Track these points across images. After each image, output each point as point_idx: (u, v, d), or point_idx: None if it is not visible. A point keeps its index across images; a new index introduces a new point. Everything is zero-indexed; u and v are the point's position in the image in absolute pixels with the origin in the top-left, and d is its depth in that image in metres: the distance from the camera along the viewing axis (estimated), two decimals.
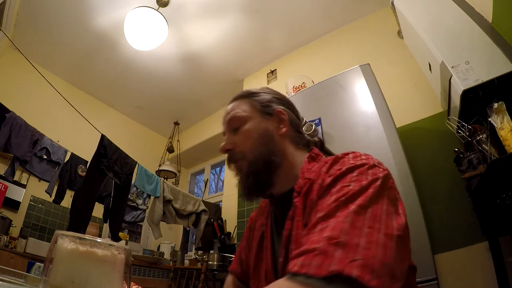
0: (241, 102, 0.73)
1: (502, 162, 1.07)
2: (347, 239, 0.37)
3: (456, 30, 1.39)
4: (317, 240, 0.38)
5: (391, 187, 0.50)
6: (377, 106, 1.46)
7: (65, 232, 0.41)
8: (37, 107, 2.92)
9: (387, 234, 0.39)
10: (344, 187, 0.47)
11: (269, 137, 0.67)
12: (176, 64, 3.19)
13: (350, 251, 0.35)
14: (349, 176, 0.49)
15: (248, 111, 0.70)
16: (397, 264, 0.38)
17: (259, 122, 0.68)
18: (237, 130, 0.69)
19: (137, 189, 2.72)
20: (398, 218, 0.44)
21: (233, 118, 0.70)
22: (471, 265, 1.48)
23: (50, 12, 2.61)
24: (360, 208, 0.41)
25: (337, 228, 0.39)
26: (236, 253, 0.83)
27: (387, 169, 0.53)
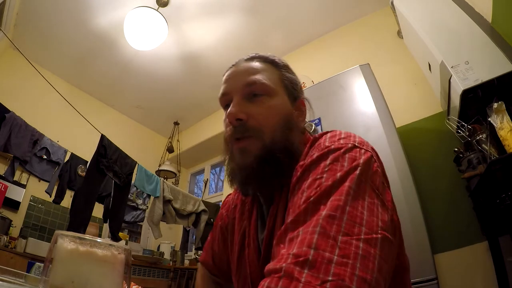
0: (267, 68, 0.58)
1: (502, 162, 1.07)
2: (316, 256, 0.30)
3: (456, 30, 1.39)
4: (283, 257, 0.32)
5: (375, 172, 0.41)
6: (377, 106, 1.46)
7: (65, 232, 0.41)
8: (37, 107, 2.92)
9: (369, 240, 0.33)
10: (316, 180, 0.39)
11: (292, 123, 0.55)
12: (176, 64, 3.19)
13: (320, 270, 0.29)
14: (322, 164, 0.41)
15: (276, 84, 0.56)
16: (381, 273, 0.32)
17: (285, 102, 0.56)
18: (256, 99, 0.54)
19: (137, 189, 2.72)
20: (383, 213, 0.37)
21: (258, 83, 0.54)
22: (471, 265, 1.48)
23: (50, 12, 2.61)
24: (333, 209, 0.34)
25: (304, 242, 0.32)
26: (207, 244, 0.74)
27: (371, 149, 0.45)
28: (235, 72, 0.58)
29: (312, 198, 0.37)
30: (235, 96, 0.55)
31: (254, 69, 0.57)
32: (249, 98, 0.54)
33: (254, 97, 0.54)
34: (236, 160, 0.53)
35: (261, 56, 0.60)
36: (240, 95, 0.55)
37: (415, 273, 1.07)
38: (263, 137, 0.51)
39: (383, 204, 0.38)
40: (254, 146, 0.51)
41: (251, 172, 0.51)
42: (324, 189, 0.37)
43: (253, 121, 0.52)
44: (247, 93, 0.55)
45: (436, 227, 1.57)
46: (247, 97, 0.55)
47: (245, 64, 0.58)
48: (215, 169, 4.36)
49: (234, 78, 0.57)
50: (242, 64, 0.59)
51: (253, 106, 0.53)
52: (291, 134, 0.53)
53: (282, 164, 0.50)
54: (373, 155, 0.43)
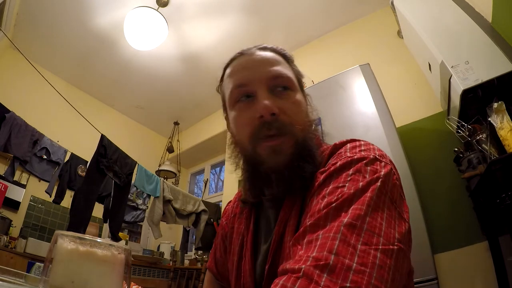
0: (282, 60, 0.54)
1: (502, 162, 1.07)
2: (336, 261, 0.31)
3: (456, 30, 1.39)
4: (303, 259, 0.32)
5: (395, 185, 0.41)
6: (377, 106, 1.46)
7: (65, 232, 0.41)
8: (37, 107, 2.92)
9: (386, 251, 0.33)
10: (337, 189, 0.39)
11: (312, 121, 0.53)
12: (176, 64, 3.19)
13: (340, 276, 0.30)
14: (344, 174, 0.41)
15: (294, 78, 0.54)
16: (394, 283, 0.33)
17: (303, 97, 0.54)
18: (283, 94, 0.50)
19: (137, 189, 2.72)
20: (400, 225, 0.38)
21: (284, 76, 0.50)
22: (471, 265, 1.48)
23: (50, 12, 2.61)
24: (354, 218, 0.34)
25: (325, 246, 0.32)
26: (212, 250, 0.74)
27: (390, 162, 0.45)
28: (252, 61, 0.52)
29: (334, 205, 0.37)
30: (259, 88, 0.49)
31: (275, 60, 0.52)
32: (275, 92, 0.50)
33: (282, 90, 0.50)
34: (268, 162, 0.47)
35: (272, 47, 0.55)
36: (265, 87, 0.49)
37: (415, 273, 1.07)
38: (295, 133, 0.47)
39: (400, 216, 0.39)
40: (287, 144, 0.47)
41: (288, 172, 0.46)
42: (346, 197, 0.37)
43: (284, 117, 0.48)
44: (273, 86, 0.50)
45: (436, 227, 1.57)
46: (272, 90, 0.50)
47: (261, 54, 0.53)
48: (215, 169, 4.36)
49: (254, 68, 0.51)
50: (258, 53, 0.53)
51: (281, 100, 0.49)
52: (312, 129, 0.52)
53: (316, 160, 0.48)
54: (392, 168, 0.43)
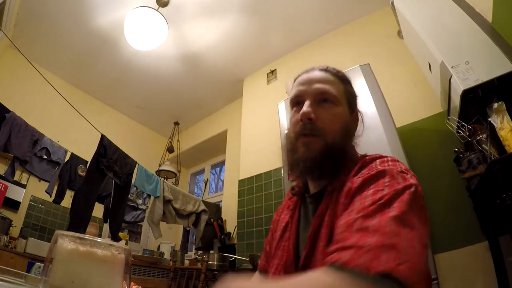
0: (334, 80, 0.68)
1: (502, 162, 1.07)
2: (393, 242, 0.37)
3: (456, 30, 1.39)
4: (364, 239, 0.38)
5: (421, 195, 0.50)
6: (377, 106, 1.46)
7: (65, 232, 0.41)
8: (37, 107, 2.92)
9: (422, 243, 0.40)
10: (379, 191, 0.47)
11: (349, 131, 0.65)
12: (176, 64, 3.19)
13: (397, 254, 0.35)
14: (381, 181, 0.49)
15: (341, 95, 0.66)
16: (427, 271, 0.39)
17: (346, 112, 0.66)
18: (325, 105, 0.64)
19: (137, 189, 2.72)
20: (426, 226, 0.45)
21: (329, 92, 0.64)
22: (471, 265, 1.48)
23: (50, 12, 2.61)
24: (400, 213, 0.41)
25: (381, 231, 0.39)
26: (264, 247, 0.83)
27: (415, 176, 0.53)
28: (310, 78, 0.67)
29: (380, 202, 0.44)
30: (307, 98, 0.64)
31: (327, 79, 0.66)
32: (319, 103, 0.64)
33: (323, 102, 0.64)
34: (300, 153, 0.62)
35: (332, 69, 0.70)
36: (312, 99, 0.64)
37: None
38: (326, 137, 0.60)
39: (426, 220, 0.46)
40: (317, 144, 0.60)
41: (313, 163, 0.60)
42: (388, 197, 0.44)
43: (320, 123, 0.61)
44: (319, 98, 0.64)
45: (436, 227, 1.57)
46: (317, 101, 0.64)
47: (319, 73, 0.68)
48: (215, 169, 4.36)
49: (309, 83, 0.66)
50: (316, 72, 0.68)
51: (322, 110, 0.63)
52: (348, 140, 0.64)
53: (338, 162, 0.60)
54: (417, 180, 0.52)
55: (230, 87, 3.49)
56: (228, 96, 3.69)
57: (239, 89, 3.38)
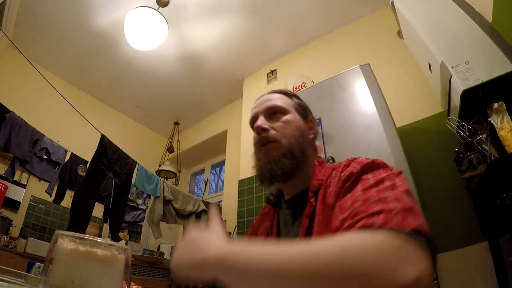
0: (281, 96, 0.78)
1: (502, 162, 1.07)
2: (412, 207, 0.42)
3: (456, 30, 1.39)
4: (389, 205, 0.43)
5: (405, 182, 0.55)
6: (377, 106, 1.46)
7: (65, 232, 0.41)
8: (37, 107, 2.92)
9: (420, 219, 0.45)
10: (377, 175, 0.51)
11: (303, 134, 0.73)
12: (176, 64, 3.19)
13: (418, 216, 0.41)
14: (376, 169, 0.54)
15: (289, 106, 0.76)
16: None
17: (297, 118, 0.75)
18: (275, 116, 0.74)
19: (137, 189, 2.72)
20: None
21: (275, 105, 0.75)
22: (471, 265, 1.48)
23: (50, 12, 2.61)
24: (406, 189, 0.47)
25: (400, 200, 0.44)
26: None
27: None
28: (260, 101, 0.79)
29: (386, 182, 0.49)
30: (260, 116, 0.75)
31: (272, 97, 0.78)
32: (270, 116, 0.74)
33: (273, 114, 0.74)
34: (262, 160, 0.70)
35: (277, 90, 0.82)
36: (264, 115, 0.75)
37: None
38: (282, 141, 0.69)
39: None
40: (275, 148, 0.69)
41: (275, 165, 0.67)
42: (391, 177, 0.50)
43: (273, 130, 0.71)
44: (269, 113, 0.75)
45: (436, 227, 1.57)
46: (268, 116, 0.75)
47: (267, 96, 0.79)
48: (215, 169, 4.36)
49: (260, 105, 0.78)
50: (265, 96, 0.80)
51: (273, 121, 0.73)
52: (303, 140, 0.72)
53: (298, 159, 0.68)
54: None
55: (230, 87, 3.49)
56: (228, 96, 3.69)
57: (239, 89, 3.38)
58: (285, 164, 0.66)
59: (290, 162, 0.67)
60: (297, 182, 0.70)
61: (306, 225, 0.61)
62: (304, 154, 0.70)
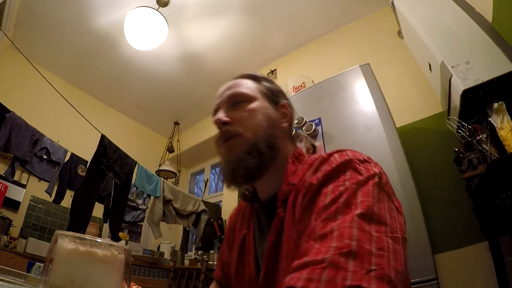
0: (247, 82, 0.68)
1: (502, 162, 1.07)
2: (358, 247, 0.33)
3: (456, 30, 1.39)
4: (323, 250, 0.34)
5: (387, 182, 0.46)
6: (377, 106, 1.46)
7: (65, 232, 0.41)
8: (37, 107, 2.92)
9: (394, 238, 0.36)
10: (339, 186, 0.43)
11: (274, 123, 0.62)
12: (176, 64, 3.19)
13: (364, 260, 0.31)
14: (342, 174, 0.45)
15: (255, 92, 0.65)
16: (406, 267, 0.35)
17: (264, 105, 0.64)
18: (238, 106, 0.63)
19: (137, 189, 2.72)
20: (399, 216, 0.42)
21: (238, 93, 0.64)
22: (471, 265, 1.48)
23: (50, 12, 2.61)
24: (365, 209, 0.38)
25: (345, 235, 0.34)
26: (219, 259, 0.79)
27: (378, 164, 0.49)
28: (221, 90, 0.68)
29: (341, 199, 0.40)
30: (222, 107, 0.65)
31: (235, 84, 0.67)
32: (233, 107, 0.64)
33: (236, 104, 0.64)
34: (225, 158, 0.61)
35: (243, 74, 0.71)
36: (225, 105, 0.65)
37: (415, 273, 1.07)
38: (246, 134, 0.58)
39: (397, 209, 0.43)
40: (239, 143, 0.58)
41: (237, 164, 0.57)
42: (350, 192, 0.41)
43: (236, 123, 0.61)
44: (231, 103, 0.64)
45: (436, 227, 1.57)
46: (230, 106, 0.64)
47: (230, 82, 0.69)
48: (215, 169, 4.36)
49: (221, 94, 0.68)
50: (228, 83, 0.69)
51: (236, 112, 0.63)
52: (273, 131, 0.61)
53: (265, 156, 0.57)
54: (381, 169, 0.49)
55: None
56: None
57: None
58: (249, 163, 0.56)
59: (255, 160, 0.56)
60: (268, 183, 0.60)
61: (273, 241, 0.52)
62: (274, 148, 0.59)
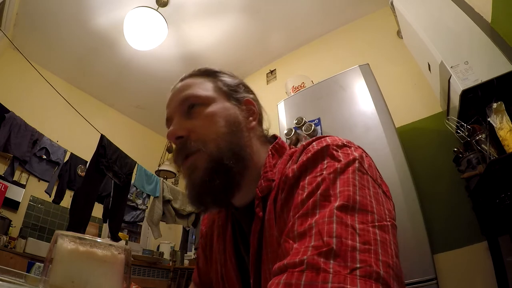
0: (200, 80, 0.56)
1: (501, 162, 1.08)
2: (339, 244, 0.29)
3: (455, 30, 1.39)
4: (302, 250, 0.30)
5: (370, 165, 0.41)
6: (376, 106, 1.46)
7: (65, 232, 0.41)
8: (37, 107, 2.92)
9: (382, 227, 0.32)
10: (316, 177, 0.38)
11: (239, 126, 0.52)
12: (175, 64, 3.19)
13: (347, 258, 0.28)
14: (319, 163, 0.41)
15: (211, 91, 0.54)
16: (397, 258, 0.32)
17: (226, 106, 0.53)
18: (193, 113, 0.52)
19: (137, 189, 2.72)
20: (387, 202, 0.38)
21: (190, 96, 0.53)
22: (471, 265, 1.48)
23: (49, 12, 2.61)
24: (345, 199, 0.33)
25: (323, 232, 0.31)
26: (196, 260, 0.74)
27: (360, 147, 0.44)
28: (171, 95, 0.57)
29: (319, 191, 0.36)
30: (174, 117, 0.55)
31: (186, 85, 0.55)
32: (187, 114, 0.53)
33: (191, 110, 0.53)
34: (187, 180, 0.51)
35: (193, 71, 0.59)
36: (178, 114, 0.54)
37: (415, 273, 1.07)
38: (208, 147, 0.49)
39: (385, 193, 0.39)
40: (201, 160, 0.49)
41: (202, 188, 0.48)
42: (328, 181, 0.36)
43: (194, 135, 0.50)
44: (184, 110, 0.54)
45: (435, 227, 1.57)
46: (184, 114, 0.53)
47: (178, 85, 0.57)
48: None
49: (170, 101, 0.57)
50: (177, 85, 0.57)
51: (192, 121, 0.52)
52: (239, 136, 0.51)
53: (233, 172, 0.48)
54: (363, 151, 0.44)
55: None
56: None
57: None
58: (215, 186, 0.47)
59: (222, 180, 0.47)
60: (243, 194, 0.51)
61: (256, 246, 0.46)
62: (243, 158, 0.50)
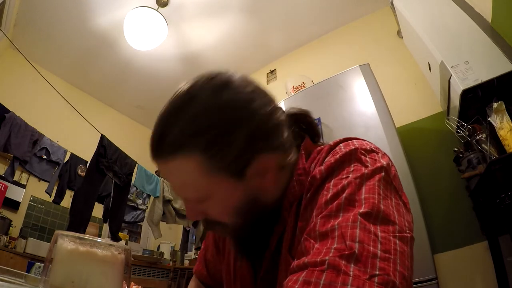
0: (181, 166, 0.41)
1: (502, 162, 1.08)
2: (361, 249, 0.30)
3: (455, 30, 1.39)
4: (323, 251, 0.31)
5: (395, 176, 0.41)
6: (376, 106, 1.46)
7: (65, 232, 0.41)
8: (37, 107, 2.92)
9: (402, 238, 0.33)
10: (342, 180, 0.38)
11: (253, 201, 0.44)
12: (175, 64, 3.19)
13: (367, 264, 0.29)
14: (346, 166, 0.40)
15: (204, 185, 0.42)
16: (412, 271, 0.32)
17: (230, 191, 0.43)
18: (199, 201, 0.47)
19: (137, 189, 2.72)
20: (407, 214, 0.38)
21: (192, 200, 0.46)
22: (471, 264, 1.48)
23: (49, 12, 2.61)
24: (369, 207, 0.34)
25: (346, 236, 0.31)
26: (200, 253, 0.72)
27: (386, 155, 0.45)
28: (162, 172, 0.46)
29: (344, 195, 0.36)
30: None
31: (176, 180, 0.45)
32: None
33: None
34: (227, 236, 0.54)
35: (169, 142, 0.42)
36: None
37: (415, 273, 1.07)
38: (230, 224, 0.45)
39: (405, 205, 0.39)
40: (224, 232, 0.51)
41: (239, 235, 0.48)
42: (354, 186, 0.36)
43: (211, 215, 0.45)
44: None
45: (436, 227, 1.57)
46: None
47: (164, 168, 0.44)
48: None
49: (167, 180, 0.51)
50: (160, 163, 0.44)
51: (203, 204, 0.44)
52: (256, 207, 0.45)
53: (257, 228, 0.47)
54: (389, 159, 0.44)
55: None
56: None
57: None
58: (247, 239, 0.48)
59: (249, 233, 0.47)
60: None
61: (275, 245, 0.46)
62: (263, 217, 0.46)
